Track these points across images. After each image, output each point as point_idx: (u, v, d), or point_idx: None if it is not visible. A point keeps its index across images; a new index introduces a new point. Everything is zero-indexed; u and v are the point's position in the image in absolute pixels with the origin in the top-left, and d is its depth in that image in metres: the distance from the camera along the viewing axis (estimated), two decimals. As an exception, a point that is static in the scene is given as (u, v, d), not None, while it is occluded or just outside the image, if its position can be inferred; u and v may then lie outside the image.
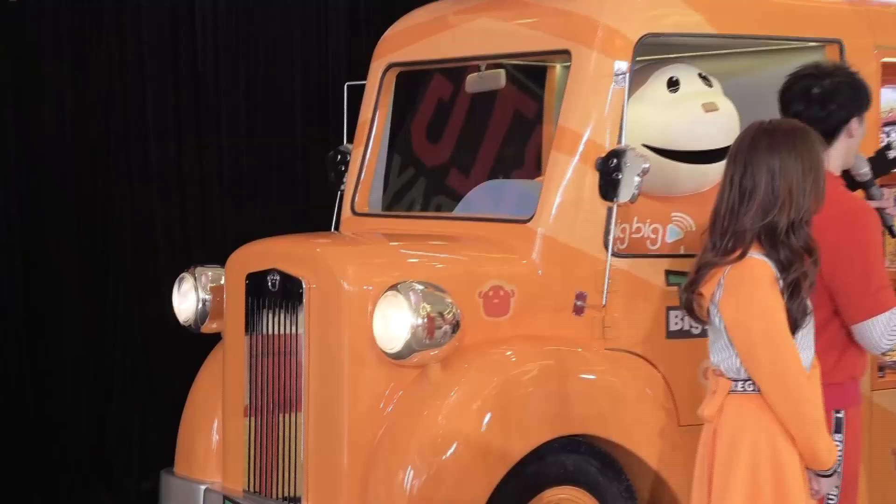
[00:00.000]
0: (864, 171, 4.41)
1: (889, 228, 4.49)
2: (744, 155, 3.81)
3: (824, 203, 3.82)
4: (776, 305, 3.69)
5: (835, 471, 3.80)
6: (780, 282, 3.70)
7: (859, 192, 4.59)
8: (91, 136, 7.08)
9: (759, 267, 3.72)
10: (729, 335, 3.77)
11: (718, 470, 3.81)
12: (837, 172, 4.35)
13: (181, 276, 5.64)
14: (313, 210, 6.46)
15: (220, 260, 5.51)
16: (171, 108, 7.24)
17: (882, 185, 4.62)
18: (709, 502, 3.84)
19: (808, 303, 3.77)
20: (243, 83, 7.41)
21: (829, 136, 4.28)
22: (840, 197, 4.17)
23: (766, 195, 3.73)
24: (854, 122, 4.34)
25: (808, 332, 3.79)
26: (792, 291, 3.71)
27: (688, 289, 3.90)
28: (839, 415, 4.16)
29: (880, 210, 4.52)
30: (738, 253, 3.74)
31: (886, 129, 5.71)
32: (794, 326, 3.71)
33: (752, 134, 3.85)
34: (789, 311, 3.70)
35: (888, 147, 4.73)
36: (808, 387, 3.72)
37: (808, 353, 3.80)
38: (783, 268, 3.71)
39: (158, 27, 7.22)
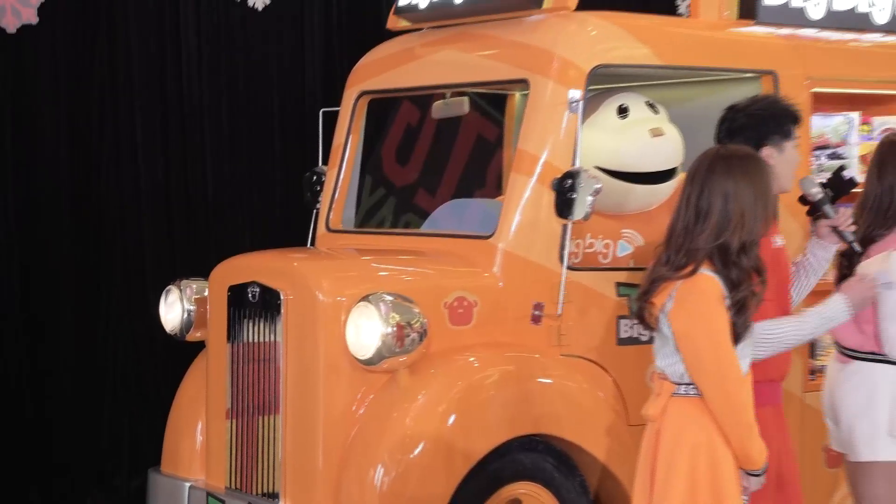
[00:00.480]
0: (815, 191, 4.41)
1: (850, 245, 4.51)
2: (701, 178, 3.82)
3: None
4: (722, 320, 3.72)
5: (764, 471, 3.84)
6: (728, 299, 3.73)
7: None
8: (84, 157, 7.08)
9: (708, 283, 3.74)
10: (677, 344, 3.78)
11: (661, 467, 3.83)
12: None
13: (167, 288, 5.64)
14: (290, 227, 6.47)
15: (203, 273, 5.50)
16: (159, 132, 7.23)
17: (838, 204, 4.63)
18: (651, 497, 3.86)
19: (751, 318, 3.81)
20: (226, 109, 7.40)
21: None
22: None
23: (721, 217, 3.75)
24: (765, 152, 4.33)
25: (748, 343, 3.83)
26: (739, 308, 3.73)
27: (640, 298, 3.91)
28: None
29: (836, 228, 4.52)
30: (690, 269, 3.75)
31: (817, 153, 5.75)
32: (737, 339, 3.75)
33: (709, 158, 3.86)
34: (734, 326, 3.73)
35: (842, 168, 4.73)
36: (745, 394, 3.76)
37: (746, 361, 3.84)
38: (732, 286, 3.73)
39: (147, 56, 7.21)
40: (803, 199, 4.49)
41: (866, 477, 4.58)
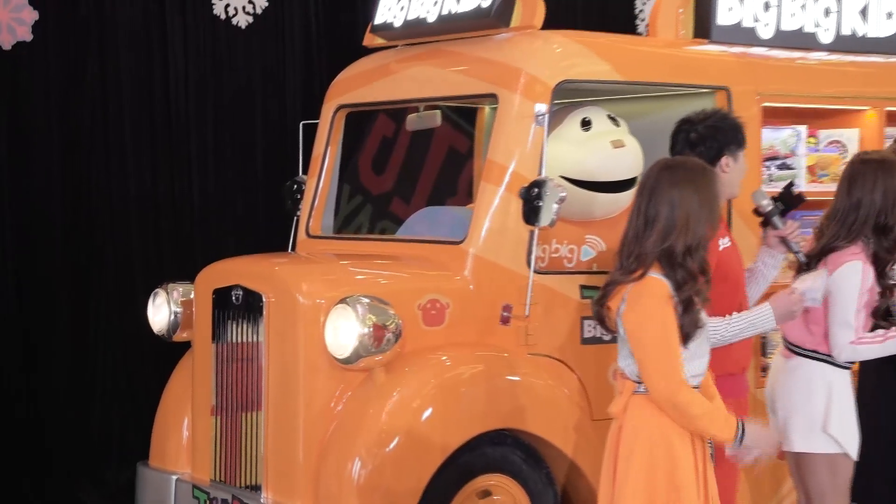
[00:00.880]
0: (765, 203, 4.43)
1: (796, 255, 4.53)
2: (650, 188, 3.86)
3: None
4: (669, 319, 3.74)
5: (740, 438, 3.81)
6: (675, 299, 3.75)
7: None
8: (76, 167, 7.05)
9: (656, 285, 3.76)
10: (629, 344, 3.82)
11: (621, 461, 3.85)
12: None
13: (155, 291, 5.63)
14: (272, 233, 6.45)
15: (189, 277, 5.49)
16: (147, 144, 7.20)
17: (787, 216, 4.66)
18: (613, 489, 3.88)
19: (703, 317, 3.82)
20: (211, 123, 7.37)
21: None
22: None
23: (667, 223, 3.78)
24: (724, 160, 4.39)
25: (702, 342, 3.84)
26: (685, 307, 3.75)
27: (598, 303, 3.94)
28: None
29: (784, 238, 4.57)
30: (640, 272, 3.78)
31: (767, 163, 5.77)
32: (686, 338, 3.76)
33: (657, 169, 3.90)
34: (682, 325, 3.74)
35: (791, 184, 4.75)
36: (686, 391, 3.74)
37: (702, 360, 3.86)
38: (678, 286, 3.75)
39: (136, 71, 7.19)
40: (756, 211, 4.51)
41: (809, 468, 4.60)
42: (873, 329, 4.56)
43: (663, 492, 3.77)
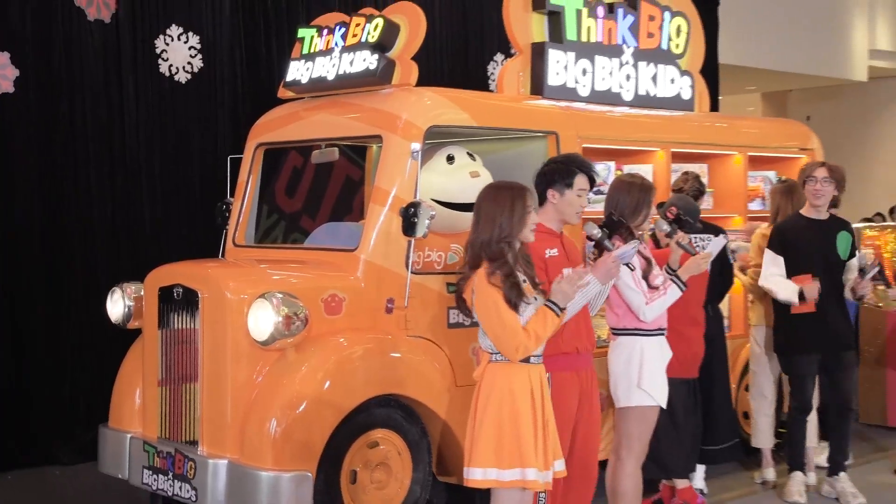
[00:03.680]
0: (595, 231, 4.29)
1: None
2: (478, 202, 3.93)
3: (533, 234, 3.88)
4: (495, 296, 3.73)
5: (561, 308, 3.78)
6: (497, 277, 3.74)
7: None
8: (51, 199, 6.76)
9: (482, 273, 3.79)
10: (481, 324, 3.80)
11: (479, 412, 3.83)
12: (551, 224, 4.28)
13: (113, 289, 5.44)
14: (207, 243, 6.23)
15: (140, 278, 5.31)
16: (108, 179, 6.96)
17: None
18: (473, 433, 3.82)
19: (524, 289, 3.76)
20: (159, 158, 7.16)
21: (541, 201, 4.25)
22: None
23: (483, 224, 3.84)
24: (550, 193, 4.27)
25: (528, 307, 3.77)
26: (508, 284, 3.73)
27: (457, 294, 3.94)
28: (546, 375, 4.11)
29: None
30: (475, 265, 3.82)
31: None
32: (514, 304, 3.73)
33: (485, 189, 3.99)
34: (507, 297, 3.73)
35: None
36: (523, 338, 3.72)
37: (525, 315, 3.76)
38: (494, 269, 3.76)
39: (98, 120, 6.92)
40: (589, 238, 4.35)
41: (623, 419, 4.64)
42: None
43: (507, 433, 3.75)
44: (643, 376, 4.48)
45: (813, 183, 5.61)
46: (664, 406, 4.58)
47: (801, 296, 5.47)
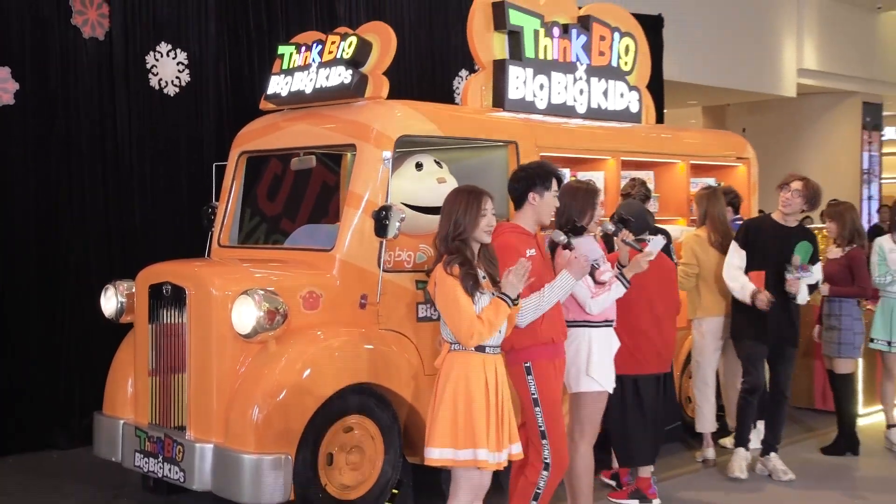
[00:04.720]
0: (561, 238, 4.27)
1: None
2: (444, 203, 3.91)
3: (488, 235, 3.84)
4: (451, 283, 3.72)
5: (513, 301, 3.75)
6: (449, 267, 3.74)
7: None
8: (47, 202, 6.64)
9: (440, 265, 3.77)
10: (441, 314, 3.79)
11: (437, 396, 3.82)
12: (528, 226, 4.26)
13: (106, 286, 5.37)
14: (194, 244, 6.16)
15: (132, 276, 5.25)
16: (101, 184, 6.84)
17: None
18: (432, 415, 3.82)
19: (480, 280, 3.75)
20: (149, 165, 7.06)
21: (519, 204, 4.24)
22: (506, 236, 4.14)
23: (445, 222, 3.83)
24: (530, 196, 4.26)
25: (481, 298, 3.74)
26: (463, 273, 3.72)
27: (426, 289, 3.93)
28: (527, 364, 4.13)
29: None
30: (438, 259, 3.81)
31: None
32: (471, 293, 3.72)
33: (453, 191, 3.97)
34: (465, 286, 3.71)
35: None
36: (477, 327, 3.70)
37: (479, 305, 3.73)
38: (451, 261, 3.74)
39: (92, 130, 6.80)
40: (554, 243, 4.33)
41: (576, 403, 4.65)
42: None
43: (462, 416, 3.74)
44: (591, 364, 4.48)
45: (785, 191, 5.66)
46: (611, 391, 4.58)
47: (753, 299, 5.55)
